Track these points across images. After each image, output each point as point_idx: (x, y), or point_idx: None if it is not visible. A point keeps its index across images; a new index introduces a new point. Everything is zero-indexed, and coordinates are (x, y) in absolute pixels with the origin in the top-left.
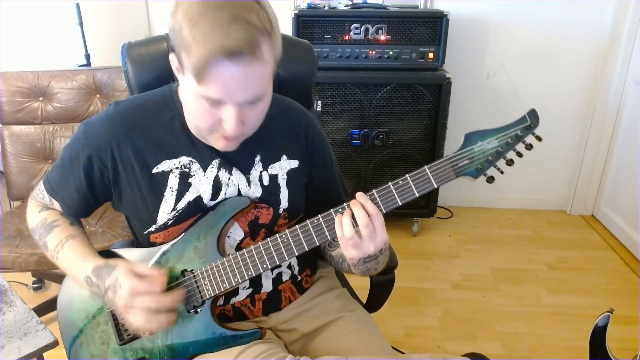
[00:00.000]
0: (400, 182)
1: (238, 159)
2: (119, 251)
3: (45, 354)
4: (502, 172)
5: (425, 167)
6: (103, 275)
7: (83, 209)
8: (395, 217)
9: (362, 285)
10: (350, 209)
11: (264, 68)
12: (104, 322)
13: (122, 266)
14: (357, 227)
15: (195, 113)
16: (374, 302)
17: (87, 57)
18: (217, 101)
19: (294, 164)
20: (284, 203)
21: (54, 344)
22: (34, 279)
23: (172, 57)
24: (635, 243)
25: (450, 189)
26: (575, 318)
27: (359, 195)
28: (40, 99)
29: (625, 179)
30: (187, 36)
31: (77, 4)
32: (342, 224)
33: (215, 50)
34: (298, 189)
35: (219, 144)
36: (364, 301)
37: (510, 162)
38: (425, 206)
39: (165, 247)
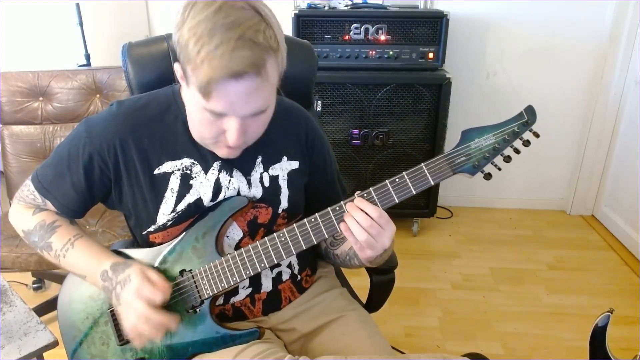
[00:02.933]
0: (397, 179)
1: (239, 160)
2: (123, 250)
3: (45, 354)
4: (499, 169)
5: (422, 164)
6: (119, 270)
7: (78, 208)
8: (395, 217)
9: (362, 285)
10: (351, 213)
11: (267, 84)
12: (103, 322)
13: (137, 266)
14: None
15: (199, 123)
16: (374, 302)
17: (87, 57)
18: (220, 114)
19: (295, 164)
20: (284, 203)
21: (54, 344)
22: (34, 279)
23: (176, 67)
24: (635, 243)
25: (450, 189)
26: (575, 318)
27: (358, 200)
28: (40, 99)
29: (625, 179)
30: (193, 53)
31: (77, 4)
32: (352, 230)
33: (221, 72)
34: (298, 189)
35: (222, 152)
36: (364, 301)
37: (507, 159)
38: (425, 206)
39: (166, 249)
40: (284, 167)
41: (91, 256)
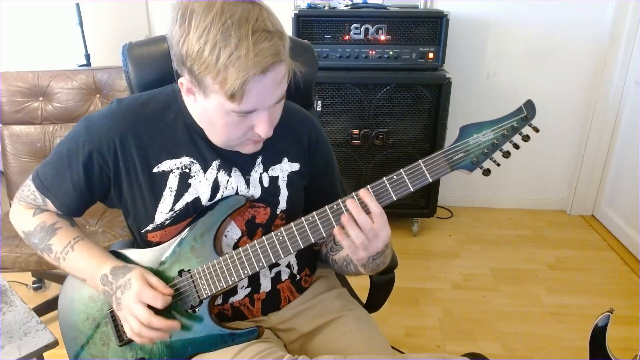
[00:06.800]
0: (395, 176)
1: (239, 160)
2: (122, 251)
3: (45, 354)
4: (498, 165)
5: (420, 161)
6: (119, 275)
7: (78, 207)
8: (395, 217)
9: (362, 285)
10: (348, 211)
11: (285, 67)
12: (103, 323)
13: (138, 270)
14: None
15: (224, 128)
16: (374, 302)
17: (87, 57)
18: (250, 111)
19: (295, 166)
20: (283, 204)
21: (54, 344)
22: (34, 279)
23: (183, 81)
24: (635, 243)
25: (451, 188)
26: (575, 318)
27: (363, 193)
28: (40, 99)
29: (625, 179)
30: (211, 60)
31: (77, 4)
32: (349, 230)
33: (252, 70)
34: (298, 191)
35: (248, 149)
36: (364, 301)
37: (506, 154)
38: (425, 206)
39: (164, 249)
40: (284, 169)
41: (91, 259)
